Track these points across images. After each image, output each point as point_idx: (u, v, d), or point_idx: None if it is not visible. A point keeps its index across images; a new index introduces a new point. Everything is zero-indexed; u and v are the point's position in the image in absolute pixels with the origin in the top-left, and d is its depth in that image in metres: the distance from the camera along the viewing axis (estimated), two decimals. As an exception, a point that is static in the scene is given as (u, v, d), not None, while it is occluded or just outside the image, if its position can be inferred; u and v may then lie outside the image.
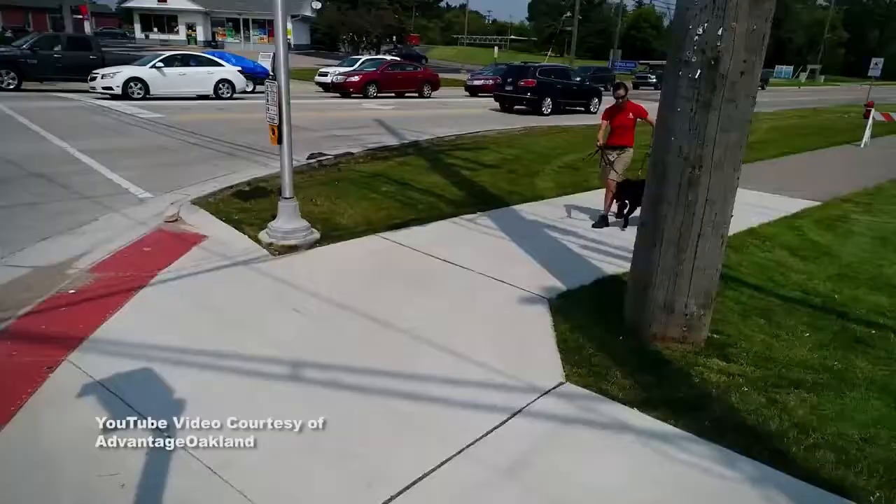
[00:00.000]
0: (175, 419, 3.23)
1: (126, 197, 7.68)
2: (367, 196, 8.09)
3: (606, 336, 4.39)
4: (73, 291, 4.77)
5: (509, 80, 22.09)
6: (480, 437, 3.20)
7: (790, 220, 8.08)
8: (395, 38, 63.31)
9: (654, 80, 43.78)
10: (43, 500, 2.66)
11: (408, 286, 5.25)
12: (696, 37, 3.78)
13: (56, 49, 20.43)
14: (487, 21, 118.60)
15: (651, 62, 61.41)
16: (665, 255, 4.18)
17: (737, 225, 5.20)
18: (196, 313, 4.52)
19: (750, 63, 3.78)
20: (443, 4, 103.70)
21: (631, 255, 4.65)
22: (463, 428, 3.28)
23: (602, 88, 25.53)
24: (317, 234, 6.19)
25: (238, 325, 4.39)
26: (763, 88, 44.08)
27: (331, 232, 6.41)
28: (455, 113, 21.14)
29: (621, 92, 7.23)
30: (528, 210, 7.92)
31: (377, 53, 47.79)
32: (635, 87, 44.12)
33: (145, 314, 4.46)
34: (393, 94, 25.85)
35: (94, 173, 8.81)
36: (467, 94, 29.94)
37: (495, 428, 3.28)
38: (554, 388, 3.71)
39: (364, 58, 29.65)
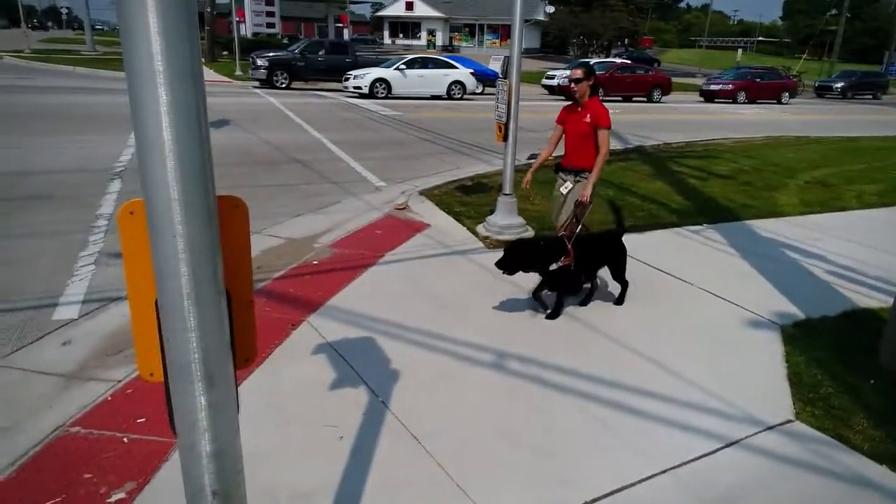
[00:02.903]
0: (389, 387, 3.51)
1: (364, 184, 8.51)
2: (584, 198, 7.96)
3: (852, 376, 3.78)
4: (315, 262, 5.43)
5: None
6: (688, 462, 2.96)
7: None
8: (626, 40, 61.37)
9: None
10: (277, 435, 3.06)
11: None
12: None
13: (320, 53, 23.39)
14: (732, 21, 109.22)
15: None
16: (944, 290, 3.47)
17: None
18: (414, 294, 4.85)
19: None
20: (682, 5, 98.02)
21: (894, 289, 3.94)
22: (668, 447, 3.07)
23: (870, 96, 21.98)
24: (531, 232, 6.26)
25: (450, 309, 4.61)
26: None
27: (544, 231, 6.43)
28: (686, 119, 19.86)
29: (578, 74, 4.63)
30: (763, 227, 7.14)
31: (607, 56, 46.75)
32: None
33: (371, 289, 4.89)
34: (619, 98, 25.10)
35: (340, 162, 9.92)
36: (702, 99, 27.96)
37: (706, 455, 3.02)
38: (780, 424, 3.30)
39: (593, 61, 29.19)
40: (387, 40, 62.85)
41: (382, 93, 20.43)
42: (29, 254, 5.34)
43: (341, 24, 46.94)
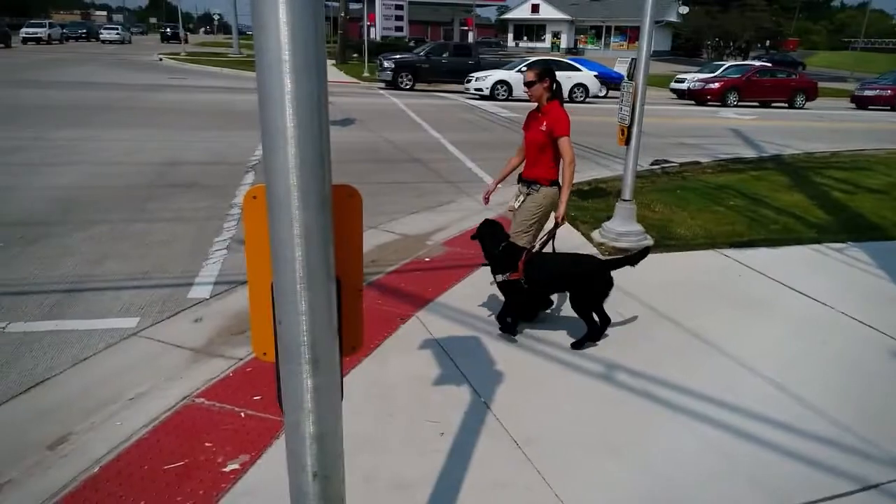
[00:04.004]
0: (491, 388, 3.48)
1: (479, 184, 8.54)
2: (710, 208, 7.51)
3: None
4: (427, 259, 5.52)
5: None
6: (815, 501, 2.68)
7: None
8: (768, 42, 57.24)
9: None
10: (379, 425, 3.13)
11: (743, 310, 4.70)
12: None
13: (444, 55, 23.85)
14: None
15: None
16: None
17: None
18: (523, 297, 4.78)
19: None
20: (835, 4, 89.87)
21: None
22: (791, 482, 2.80)
23: None
24: (650, 241, 5.98)
25: (559, 314, 4.51)
26: None
27: (665, 240, 6.12)
28: (833, 127, 18.19)
29: (530, 77, 4.23)
30: (921, 248, 6.36)
31: (744, 59, 43.84)
32: None
33: (480, 289, 4.88)
34: (756, 104, 23.47)
35: (457, 161, 10.04)
36: (853, 105, 25.49)
37: (838, 496, 2.72)
38: (931, 472, 2.91)
39: (727, 64, 27.51)
40: (510, 43, 62.93)
41: (503, 95, 20.48)
42: (173, 236, 5.87)
43: (466, 28, 47.62)
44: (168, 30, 57.24)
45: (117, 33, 51.49)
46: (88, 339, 3.95)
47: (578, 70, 21.79)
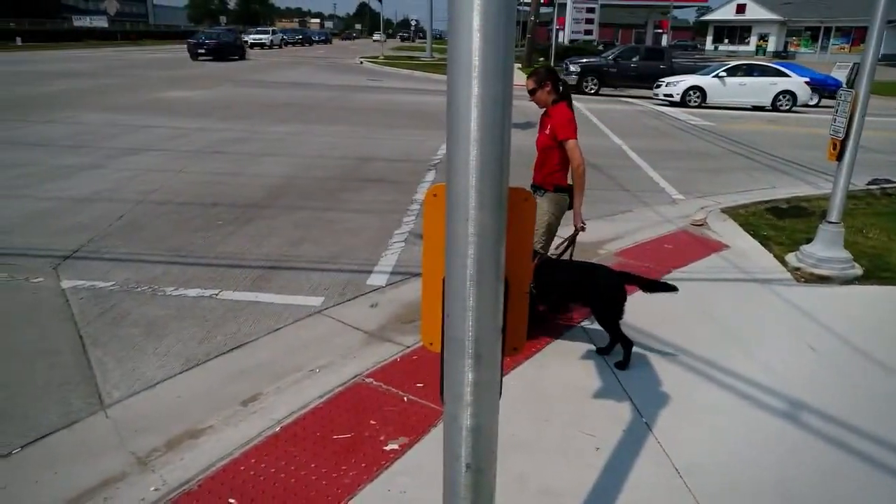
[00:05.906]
0: (654, 408, 3.31)
1: (660, 195, 8.13)
2: (941, 239, 6.41)
3: None
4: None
5: None
6: None
7: None
8: None
9: None
10: (534, 429, 3.12)
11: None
12: None
13: (633, 59, 23.01)
14: None
15: None
16: None
17: None
18: (698, 317, 4.48)
19: None
20: None
21: None
22: None
23: None
24: (858, 271, 5.26)
25: (738, 341, 4.14)
26: None
27: (879, 272, 5.34)
28: None
29: (529, 85, 4.17)
30: None
31: None
32: None
33: (651, 304, 4.59)
34: None
35: (637, 170, 9.63)
36: None
37: None
38: None
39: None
40: (709, 46, 58.88)
41: (695, 101, 19.24)
42: (359, 226, 6.36)
43: (661, 30, 45.44)
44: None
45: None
46: (281, 313, 4.43)
47: (786, 76, 19.74)
